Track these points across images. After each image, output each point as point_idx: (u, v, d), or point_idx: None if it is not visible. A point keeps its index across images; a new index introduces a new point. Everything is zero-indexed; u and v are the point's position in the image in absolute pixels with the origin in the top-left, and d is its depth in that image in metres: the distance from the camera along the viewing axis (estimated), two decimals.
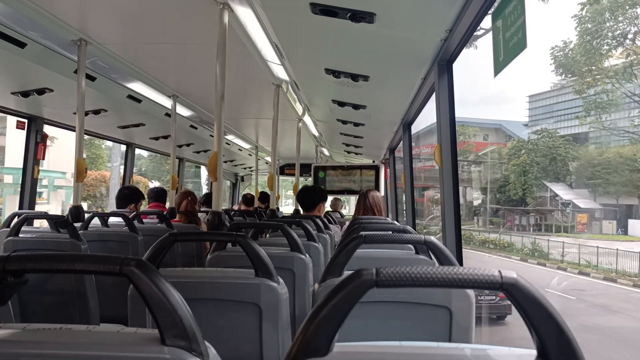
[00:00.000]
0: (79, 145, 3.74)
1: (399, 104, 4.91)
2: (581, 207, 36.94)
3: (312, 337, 0.91)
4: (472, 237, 34.28)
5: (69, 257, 0.99)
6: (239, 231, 2.08)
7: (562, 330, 0.90)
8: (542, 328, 0.90)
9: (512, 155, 40.25)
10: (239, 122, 7.35)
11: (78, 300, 2.91)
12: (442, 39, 2.90)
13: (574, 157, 39.05)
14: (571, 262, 26.67)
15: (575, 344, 0.90)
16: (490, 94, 69.17)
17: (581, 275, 24.55)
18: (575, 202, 37.40)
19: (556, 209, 38.41)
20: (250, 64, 4.03)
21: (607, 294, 21.01)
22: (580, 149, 39.27)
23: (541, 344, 0.90)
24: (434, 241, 1.98)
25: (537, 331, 0.90)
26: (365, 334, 1.56)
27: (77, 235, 3.04)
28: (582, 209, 36.86)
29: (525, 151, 39.64)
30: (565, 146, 38.53)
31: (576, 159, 39.05)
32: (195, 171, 22.35)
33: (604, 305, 18.98)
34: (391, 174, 8.83)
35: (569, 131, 41.04)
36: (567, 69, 35.26)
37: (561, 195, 38.26)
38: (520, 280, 0.90)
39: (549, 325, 0.90)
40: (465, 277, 0.90)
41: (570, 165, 39.14)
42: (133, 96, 4.94)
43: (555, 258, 27.87)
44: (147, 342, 0.98)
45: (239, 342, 1.88)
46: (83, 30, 3.49)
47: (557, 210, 38.34)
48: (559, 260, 27.34)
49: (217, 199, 3.13)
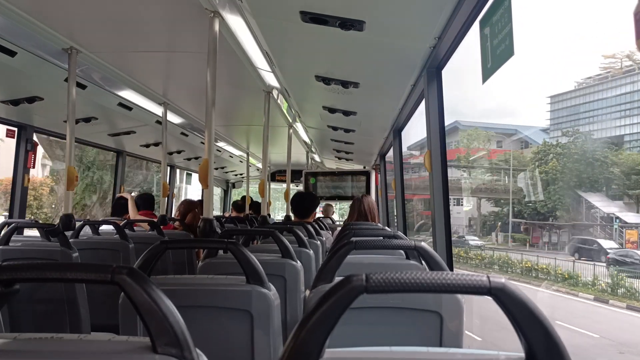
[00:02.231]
0: (70, 153, 3.73)
1: (389, 111, 4.94)
2: (629, 222, 30.25)
3: (303, 343, 0.92)
4: (492, 258, 28.39)
5: (60, 266, 0.99)
6: (230, 238, 2.08)
7: (549, 334, 0.91)
8: (530, 332, 0.91)
9: (538, 161, 33.98)
10: (229, 129, 7.35)
11: (69, 309, 2.90)
12: (431, 46, 2.93)
13: (613, 162, 32.96)
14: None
15: (563, 347, 0.91)
16: (489, 107, 65.30)
17: None
18: (620, 215, 30.96)
19: (595, 223, 31.83)
20: (240, 71, 4.04)
21: None
22: (621, 153, 33.91)
23: (529, 348, 0.92)
24: (424, 246, 1.99)
25: (525, 335, 0.92)
26: (356, 339, 1.56)
27: (68, 243, 3.03)
28: (631, 224, 29.98)
29: (553, 155, 33.72)
30: (603, 149, 33.12)
31: (615, 165, 32.79)
32: (146, 174, 20.99)
33: None
34: (382, 180, 8.85)
35: (606, 133, 36.20)
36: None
37: (600, 208, 31.96)
38: (509, 286, 0.91)
39: (537, 329, 0.91)
40: (454, 283, 0.92)
41: (611, 171, 32.64)
42: (124, 104, 4.93)
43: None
44: (138, 351, 0.98)
45: (231, 349, 1.88)
46: (73, 39, 3.48)
47: (597, 226, 31.64)
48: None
49: (208, 206, 3.13)
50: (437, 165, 3.37)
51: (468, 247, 31.63)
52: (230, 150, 8.91)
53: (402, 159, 6.22)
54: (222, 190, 13.01)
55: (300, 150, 8.83)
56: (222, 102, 4.95)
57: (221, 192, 13.07)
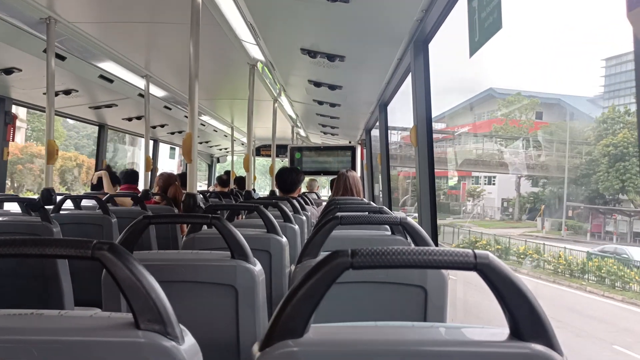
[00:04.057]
0: (50, 126, 3.66)
1: (375, 85, 4.91)
2: None
3: (288, 319, 0.92)
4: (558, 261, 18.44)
5: (39, 242, 0.97)
6: (215, 213, 2.06)
7: (534, 309, 0.91)
8: (514, 307, 0.91)
9: (603, 132, 25.13)
10: (214, 102, 7.27)
11: (51, 285, 2.87)
12: (418, 19, 2.90)
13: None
14: None
15: (547, 322, 0.92)
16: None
17: None
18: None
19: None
20: (224, 43, 3.97)
21: None
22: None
23: (514, 323, 0.92)
24: (410, 221, 1.99)
25: (510, 310, 0.92)
26: (341, 314, 1.57)
27: (49, 218, 2.99)
28: None
29: (624, 125, 24.78)
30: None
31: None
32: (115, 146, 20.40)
33: None
34: (368, 155, 8.85)
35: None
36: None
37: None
38: (494, 260, 0.91)
39: (522, 304, 0.91)
40: (439, 258, 0.91)
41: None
42: (105, 76, 4.83)
43: None
44: (120, 327, 0.97)
45: (215, 324, 1.88)
46: (52, 8, 3.39)
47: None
48: None
49: (192, 181, 3.10)
50: (423, 140, 3.36)
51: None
52: (214, 125, 8.83)
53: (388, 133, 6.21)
54: (207, 164, 12.94)
55: (285, 124, 8.78)
56: (205, 75, 4.87)
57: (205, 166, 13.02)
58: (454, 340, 0.94)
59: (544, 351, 0.90)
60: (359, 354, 0.91)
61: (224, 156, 12.97)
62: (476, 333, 0.95)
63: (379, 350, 0.91)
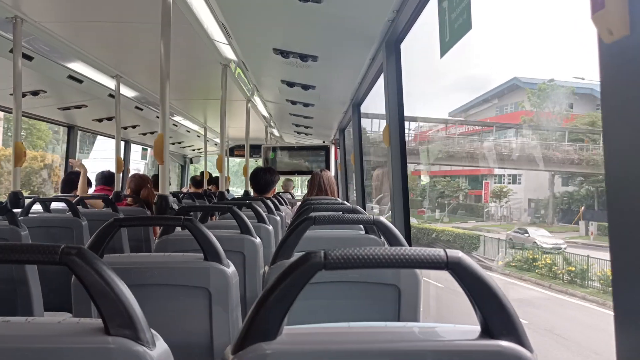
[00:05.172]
0: (17, 128, 3.58)
1: (348, 84, 4.92)
2: None
3: (261, 321, 0.91)
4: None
5: (6, 247, 0.95)
6: (187, 214, 2.04)
7: (504, 307, 0.93)
8: (485, 305, 0.93)
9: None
10: (186, 102, 7.20)
11: (20, 290, 2.80)
12: (390, 20, 2.91)
13: None
14: None
15: (517, 319, 0.93)
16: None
17: None
18: None
19: None
20: (196, 43, 3.93)
21: None
22: None
23: (485, 320, 0.93)
24: (383, 221, 2.00)
25: (480, 308, 0.93)
26: (315, 314, 1.57)
27: (17, 221, 2.92)
28: None
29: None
30: None
31: None
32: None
33: None
34: (341, 154, 8.87)
35: None
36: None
37: None
38: (465, 259, 0.92)
39: (492, 302, 0.92)
40: (411, 257, 0.92)
41: None
42: (74, 76, 4.75)
43: None
44: (90, 333, 0.95)
45: (189, 327, 1.86)
46: (18, 7, 3.31)
47: None
48: None
49: (164, 182, 3.07)
50: (396, 139, 3.38)
51: (538, 249, 18.60)
52: (187, 125, 8.76)
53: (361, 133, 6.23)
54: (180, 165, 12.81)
55: (259, 125, 8.75)
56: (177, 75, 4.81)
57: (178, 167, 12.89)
58: (425, 339, 0.94)
59: (514, 348, 0.91)
60: (331, 355, 0.91)
61: (197, 157, 12.86)
62: (448, 331, 0.96)
63: (352, 350, 0.92)
